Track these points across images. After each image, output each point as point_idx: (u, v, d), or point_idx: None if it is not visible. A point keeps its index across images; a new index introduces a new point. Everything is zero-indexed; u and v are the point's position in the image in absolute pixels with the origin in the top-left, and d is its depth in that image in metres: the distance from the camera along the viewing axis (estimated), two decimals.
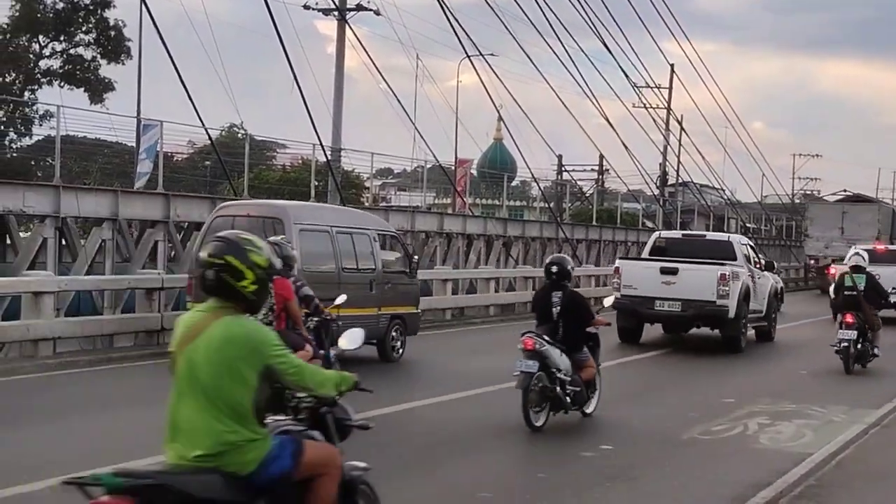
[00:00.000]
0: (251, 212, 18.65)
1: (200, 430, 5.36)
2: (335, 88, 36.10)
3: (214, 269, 5.53)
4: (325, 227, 18.42)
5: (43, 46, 51.50)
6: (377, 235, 19.73)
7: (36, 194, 23.77)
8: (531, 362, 12.16)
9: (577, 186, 61.57)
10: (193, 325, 5.56)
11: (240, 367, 5.39)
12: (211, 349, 5.40)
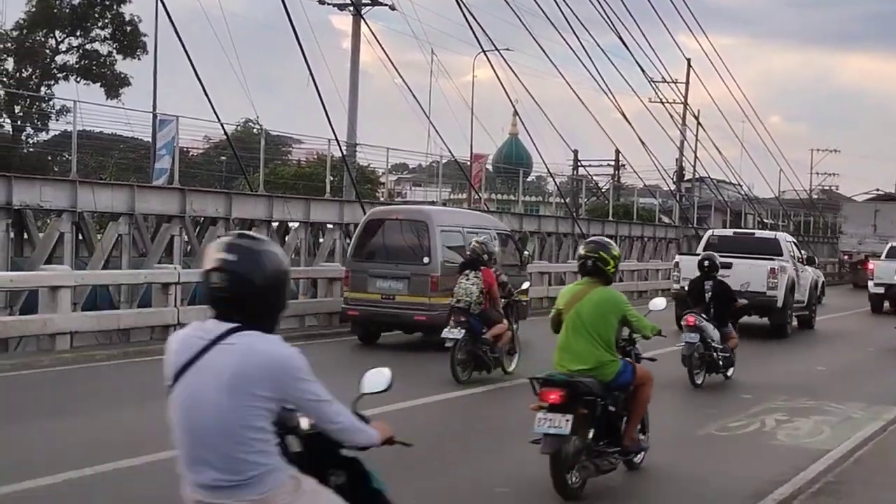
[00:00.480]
0: (399, 215, 21.73)
1: (584, 353, 9.18)
2: (350, 83, 36.18)
3: (592, 260, 9.43)
4: (458, 227, 21.00)
5: (59, 42, 51.64)
6: (496, 233, 21.94)
7: (53, 189, 23.81)
8: (693, 335, 15.55)
9: (593, 182, 61.49)
10: (577, 292, 9.48)
11: (609, 316, 9.33)
12: (592, 305, 9.28)
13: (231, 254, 4.33)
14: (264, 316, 4.43)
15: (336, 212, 31.84)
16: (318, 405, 4.48)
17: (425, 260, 19.89)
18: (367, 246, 21.05)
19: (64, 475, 9.06)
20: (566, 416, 8.71)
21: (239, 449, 4.24)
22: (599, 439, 9.23)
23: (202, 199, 28.08)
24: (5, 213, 22.47)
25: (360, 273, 20.36)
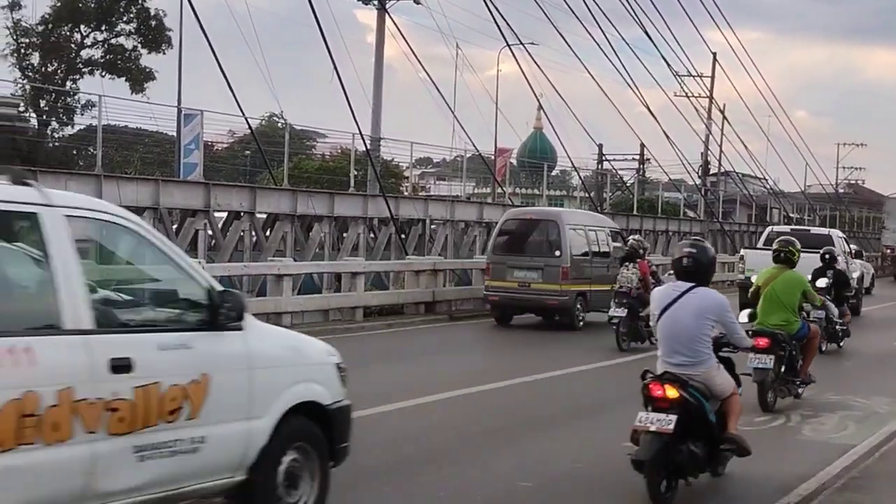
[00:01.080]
0: (533, 216, 25.98)
1: (780, 316, 13.79)
2: (375, 78, 36.18)
3: (784, 252, 14.07)
4: (581, 226, 24.77)
5: (84, 36, 51.86)
6: (609, 230, 26.06)
7: (78, 183, 23.90)
8: (821, 312, 17.32)
9: (617, 176, 61.28)
10: (772, 274, 14.04)
11: (795, 290, 13.91)
12: (783, 283, 13.81)
13: (693, 249, 9.17)
14: (706, 280, 9.18)
15: (360, 206, 31.86)
16: (733, 326, 9.28)
17: (556, 253, 23.54)
18: (506, 242, 24.67)
19: None
20: (769, 356, 13.27)
21: (697, 345, 8.88)
22: (787, 373, 13.86)
23: (227, 193, 28.15)
24: None
25: (500, 265, 23.97)
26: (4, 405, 5.50)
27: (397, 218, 32.34)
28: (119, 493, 6.15)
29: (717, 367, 9.01)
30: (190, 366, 6.58)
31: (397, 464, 9.85)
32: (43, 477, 5.75)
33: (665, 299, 8.96)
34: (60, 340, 5.96)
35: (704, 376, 8.85)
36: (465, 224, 36.60)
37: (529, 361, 14.50)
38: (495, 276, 23.86)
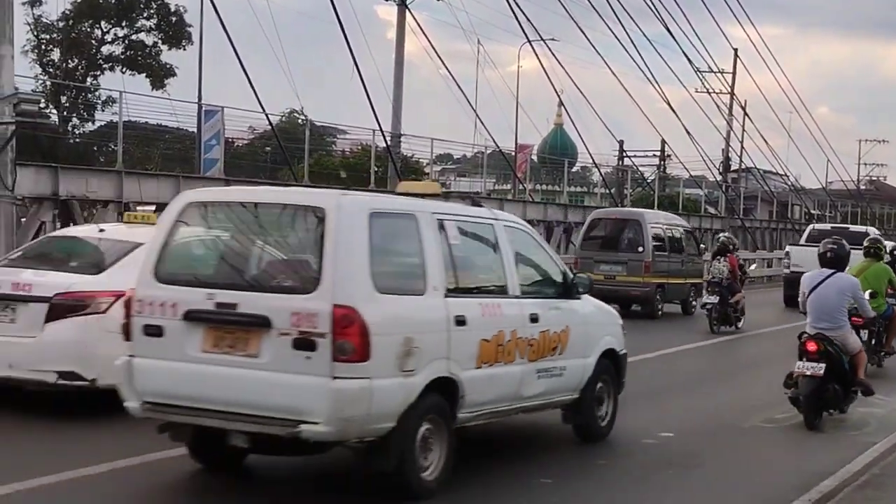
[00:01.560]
0: (618, 216, 28.72)
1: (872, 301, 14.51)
2: (395, 74, 36.15)
3: (874, 248, 16.54)
4: (660, 224, 27.54)
5: (105, 32, 52.03)
6: (683, 230, 28.98)
7: (99, 179, 23.96)
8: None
9: (638, 172, 61.12)
10: (863, 266, 15.97)
11: (883, 279, 16.24)
12: (874, 273, 16.07)
13: (834, 245, 12.69)
14: (843, 268, 12.78)
15: None
16: (862, 301, 13.18)
17: (640, 249, 26.07)
18: (592, 238, 27.65)
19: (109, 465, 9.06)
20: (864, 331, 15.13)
21: (837, 314, 12.37)
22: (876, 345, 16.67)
23: None
24: (52, 203, 22.63)
25: (587, 259, 26.58)
26: (492, 337, 9.11)
27: None
28: (527, 398, 9.87)
29: (850, 331, 12.63)
30: (561, 320, 10.25)
31: None
32: (503, 383, 9.35)
33: (813, 281, 12.51)
34: (510, 301, 9.65)
35: (841, 337, 12.38)
36: None
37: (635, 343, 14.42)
38: (583, 269, 24.81)
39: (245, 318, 7.99)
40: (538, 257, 10.64)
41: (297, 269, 8.32)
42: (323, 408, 7.62)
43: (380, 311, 7.92)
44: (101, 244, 12.04)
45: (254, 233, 8.78)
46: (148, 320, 8.31)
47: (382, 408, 7.87)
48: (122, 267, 10.98)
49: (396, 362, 7.95)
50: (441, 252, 8.79)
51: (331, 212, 8.06)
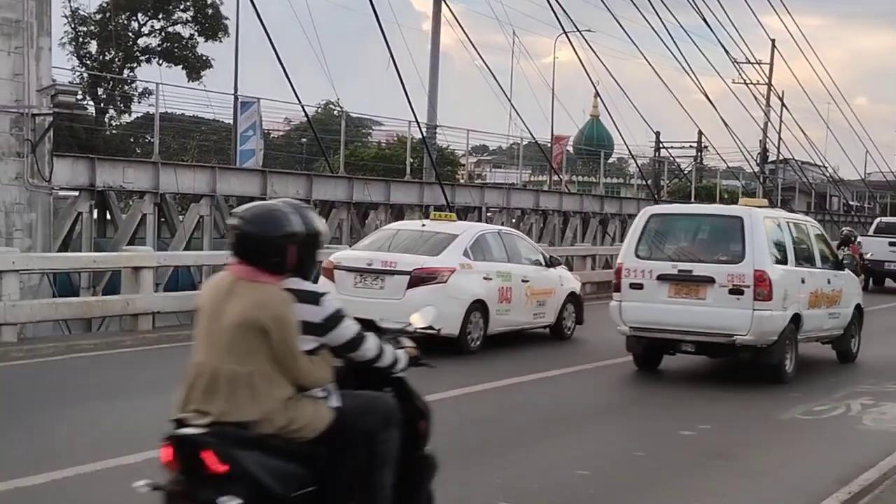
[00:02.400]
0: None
1: None
2: (431, 65, 36.01)
3: None
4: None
5: (142, 24, 52.25)
6: None
7: (135, 171, 24.06)
8: None
9: (675, 163, 60.81)
10: None
11: None
12: None
13: None
14: None
15: (416, 193, 31.84)
16: None
17: None
18: None
19: (145, 454, 9.07)
20: None
21: None
22: None
23: (283, 180, 28.23)
24: (89, 194, 22.75)
25: None
26: (814, 291, 15.06)
27: (453, 205, 32.24)
28: (824, 330, 15.82)
29: None
30: (838, 284, 16.17)
31: (454, 450, 9.74)
32: (817, 319, 15.14)
33: None
34: (818, 271, 15.54)
35: None
36: (521, 212, 36.48)
37: None
38: None
39: (698, 278, 14.09)
40: (822, 243, 16.47)
41: (729, 250, 14.33)
42: (749, 326, 13.79)
43: (776, 274, 13.99)
44: (425, 235, 17.08)
45: (698, 230, 15.43)
46: (632, 280, 14.51)
47: (775, 327, 13.94)
48: (450, 251, 16.31)
49: (781, 302, 13.96)
50: (791, 240, 14.99)
51: (745, 218, 14.28)
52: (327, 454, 5.14)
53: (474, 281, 16.20)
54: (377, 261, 15.98)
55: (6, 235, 18.34)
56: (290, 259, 5.13)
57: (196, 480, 4.82)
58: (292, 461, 4.99)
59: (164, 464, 4.95)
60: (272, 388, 4.96)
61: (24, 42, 18.60)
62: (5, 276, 15.90)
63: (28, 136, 18.65)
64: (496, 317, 16.53)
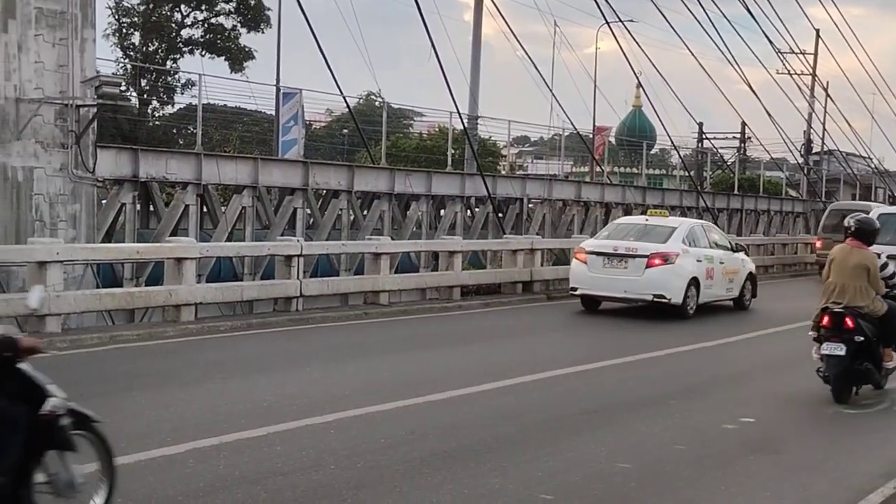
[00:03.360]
0: (855, 207, 30.52)
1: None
2: (472, 56, 35.98)
3: None
4: None
5: (185, 16, 52.49)
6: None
7: (178, 162, 24.15)
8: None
9: (717, 154, 60.39)
10: None
11: None
12: None
13: None
14: None
15: (457, 185, 31.78)
16: None
17: None
18: (833, 224, 32.97)
19: (188, 445, 9.12)
20: None
21: None
22: None
23: (325, 171, 28.27)
24: (132, 185, 22.86)
25: (828, 240, 31.14)
26: None
27: (494, 196, 32.21)
28: None
29: None
30: None
31: (495, 442, 9.74)
32: None
33: None
34: None
35: None
36: (562, 203, 36.34)
37: (720, 329, 14.36)
38: (825, 248, 29.96)
39: None
40: None
41: None
42: None
43: None
44: (649, 227, 22.47)
45: None
46: None
47: None
48: (673, 240, 21.68)
49: None
50: None
51: None
52: None
53: (690, 262, 21.57)
54: (621, 247, 21.41)
55: (50, 226, 18.48)
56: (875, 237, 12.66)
57: (841, 333, 12.04)
58: None
59: (822, 326, 12.21)
60: (869, 292, 12.24)
61: (69, 33, 18.71)
62: (50, 266, 16.05)
63: (72, 128, 18.75)
64: (704, 290, 21.89)
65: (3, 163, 18.00)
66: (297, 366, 14.07)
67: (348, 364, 14.37)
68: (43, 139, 18.44)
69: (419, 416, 10.85)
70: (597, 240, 22.81)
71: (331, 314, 19.91)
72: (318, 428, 10.02)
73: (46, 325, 15.80)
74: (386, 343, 16.94)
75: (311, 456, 8.93)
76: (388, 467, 8.70)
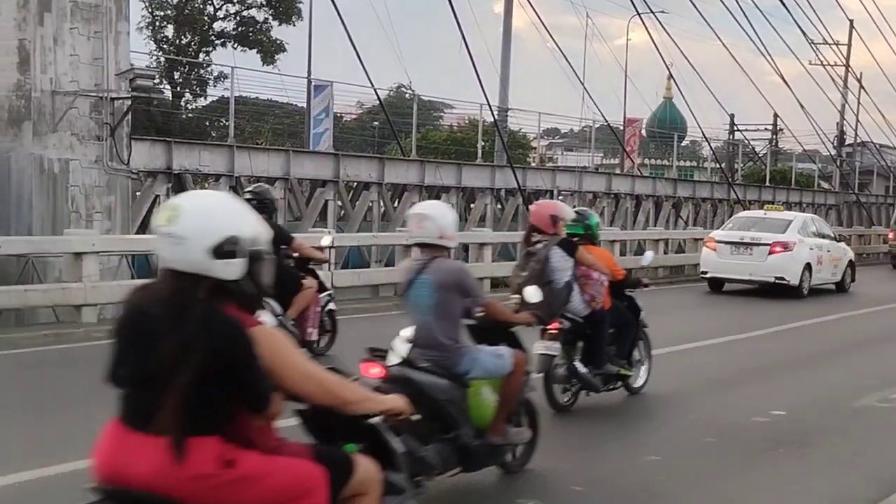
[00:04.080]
0: None
1: None
2: (502, 47, 35.96)
3: None
4: None
5: (217, 9, 52.63)
6: None
7: (211, 154, 24.35)
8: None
9: (749, 146, 60.14)
10: None
11: None
12: None
13: None
14: None
15: (487, 177, 31.85)
16: None
17: None
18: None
19: None
20: None
21: None
22: None
23: (356, 164, 28.40)
24: (166, 177, 23.07)
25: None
26: None
27: (525, 189, 32.25)
28: None
29: None
30: None
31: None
32: None
33: None
34: None
35: None
36: (592, 195, 36.35)
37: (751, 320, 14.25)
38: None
39: None
40: None
41: None
42: None
43: None
44: (768, 220, 26.04)
45: None
46: None
47: None
48: (790, 230, 25.06)
49: None
50: None
51: None
52: None
53: (805, 250, 25.01)
54: (747, 236, 24.99)
55: (86, 218, 18.68)
56: None
57: None
58: None
59: None
60: None
61: (103, 27, 18.90)
62: (86, 257, 16.24)
63: (107, 120, 18.95)
64: (815, 274, 25.33)
65: (40, 155, 18.21)
66: None
67: None
68: (78, 131, 18.64)
69: None
70: (724, 230, 26.67)
71: (362, 305, 20.04)
72: None
73: (83, 315, 16.01)
74: None
75: None
76: None
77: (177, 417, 3.81)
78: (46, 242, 17.34)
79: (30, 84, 18.13)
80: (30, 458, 8.25)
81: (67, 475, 7.82)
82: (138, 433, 3.97)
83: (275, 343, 4.04)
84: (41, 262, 17.73)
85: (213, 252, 3.91)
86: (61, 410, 10.31)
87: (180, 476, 3.82)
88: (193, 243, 3.89)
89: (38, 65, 18.12)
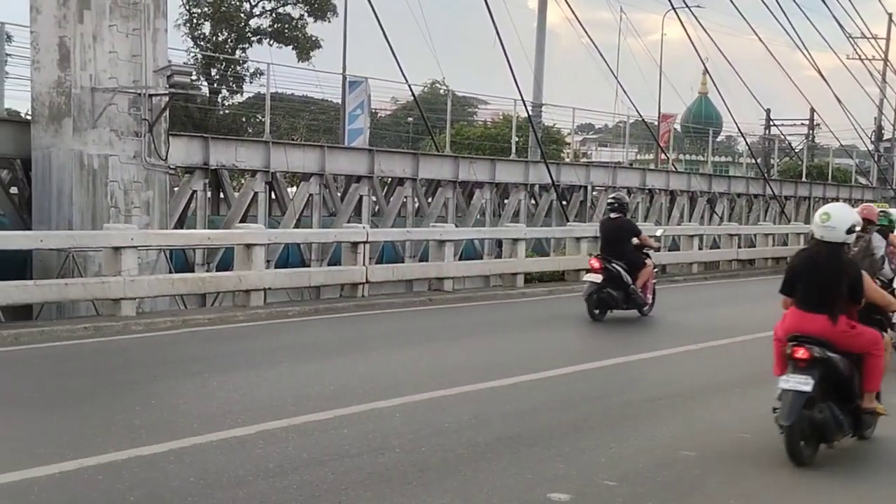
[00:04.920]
0: None
1: None
2: (537, 43, 35.97)
3: None
4: None
5: (253, 6, 52.84)
6: None
7: (247, 150, 24.50)
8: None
9: (785, 141, 59.84)
10: None
11: None
12: None
13: None
14: None
15: (521, 172, 31.87)
16: None
17: None
18: None
19: (258, 426, 9.36)
20: None
21: None
22: None
23: (390, 159, 28.48)
24: (203, 172, 23.25)
25: None
26: None
27: (558, 184, 32.26)
28: None
29: None
30: None
31: (559, 428, 9.86)
32: None
33: None
34: None
35: None
36: (627, 190, 36.28)
37: None
38: None
39: None
40: None
41: None
42: None
43: None
44: None
45: None
46: None
47: None
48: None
49: None
50: None
51: None
52: None
53: None
54: None
55: (125, 213, 18.87)
56: None
57: None
58: None
59: None
60: None
61: (142, 24, 19.06)
62: (124, 252, 16.46)
63: (145, 116, 19.11)
64: None
65: (80, 150, 18.41)
66: (364, 351, 14.30)
67: (413, 349, 14.59)
68: (117, 127, 18.82)
69: (484, 401, 10.98)
70: None
71: (396, 300, 20.17)
72: (384, 412, 10.22)
73: (122, 308, 16.21)
74: (450, 329, 17.13)
75: (376, 439, 9.12)
76: (452, 451, 8.83)
77: (834, 304, 8.84)
78: (86, 237, 17.55)
79: (70, 81, 18.32)
80: (72, 448, 8.40)
81: (106, 466, 7.97)
82: (811, 312, 8.90)
83: (866, 278, 9.06)
84: (81, 256, 17.94)
85: (847, 231, 8.95)
86: (99, 402, 10.47)
87: (835, 330, 8.82)
88: (839, 228, 8.92)
89: (78, 62, 18.30)
